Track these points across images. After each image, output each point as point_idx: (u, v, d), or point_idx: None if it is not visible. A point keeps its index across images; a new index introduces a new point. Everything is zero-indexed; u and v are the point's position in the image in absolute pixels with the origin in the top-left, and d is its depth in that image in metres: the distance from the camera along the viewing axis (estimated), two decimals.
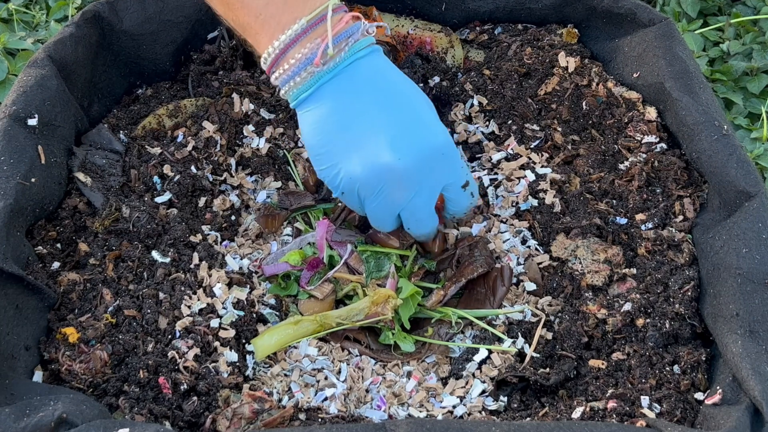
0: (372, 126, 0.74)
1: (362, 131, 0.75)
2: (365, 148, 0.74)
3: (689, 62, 0.89)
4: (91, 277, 0.79)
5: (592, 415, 0.72)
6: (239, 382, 0.76)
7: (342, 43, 0.74)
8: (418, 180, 0.76)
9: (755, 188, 0.78)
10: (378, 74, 0.76)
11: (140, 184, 0.87)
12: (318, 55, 0.73)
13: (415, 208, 0.78)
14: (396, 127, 0.75)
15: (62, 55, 0.88)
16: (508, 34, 1.03)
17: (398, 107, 0.76)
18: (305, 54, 0.74)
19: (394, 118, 0.75)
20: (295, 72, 0.74)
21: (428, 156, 0.75)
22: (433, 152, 0.76)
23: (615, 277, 0.82)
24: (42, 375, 0.72)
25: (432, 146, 0.76)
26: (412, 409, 0.77)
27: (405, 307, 0.83)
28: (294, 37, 0.73)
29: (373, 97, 0.75)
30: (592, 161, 0.91)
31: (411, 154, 0.74)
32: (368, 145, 0.74)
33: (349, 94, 0.75)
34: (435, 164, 0.76)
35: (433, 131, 0.77)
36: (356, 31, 0.75)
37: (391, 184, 0.75)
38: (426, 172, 0.76)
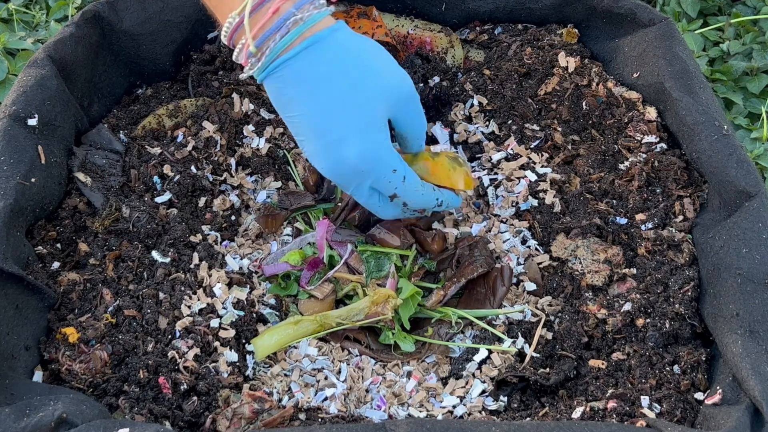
0: (301, 131, 0.75)
1: (296, 133, 0.76)
2: (304, 147, 0.76)
3: (689, 62, 0.89)
4: (91, 277, 0.79)
5: (592, 415, 0.72)
6: (239, 382, 0.76)
7: (268, 41, 0.72)
8: (346, 187, 0.78)
9: (755, 188, 0.78)
10: (307, 75, 0.73)
11: (140, 184, 0.87)
12: (243, 58, 0.74)
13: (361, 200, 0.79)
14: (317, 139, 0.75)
15: (62, 55, 0.88)
16: (508, 34, 1.03)
17: (322, 114, 0.74)
18: (240, 50, 0.74)
19: (316, 129, 0.74)
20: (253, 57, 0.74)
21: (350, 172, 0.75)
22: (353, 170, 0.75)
23: (615, 277, 0.82)
24: (42, 375, 0.72)
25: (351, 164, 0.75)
26: (412, 409, 0.77)
27: (405, 307, 0.83)
28: (233, 28, 0.74)
29: (300, 104, 0.74)
30: (592, 161, 0.91)
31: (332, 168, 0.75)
32: (304, 147, 0.76)
33: (281, 92, 0.74)
34: (357, 178, 0.76)
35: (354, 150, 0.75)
36: (283, 24, 0.72)
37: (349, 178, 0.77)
38: (350, 182, 0.77)
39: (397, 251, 0.86)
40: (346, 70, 0.74)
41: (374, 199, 0.79)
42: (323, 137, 0.74)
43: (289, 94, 0.74)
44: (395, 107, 0.77)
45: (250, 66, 0.74)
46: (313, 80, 0.73)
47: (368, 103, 0.75)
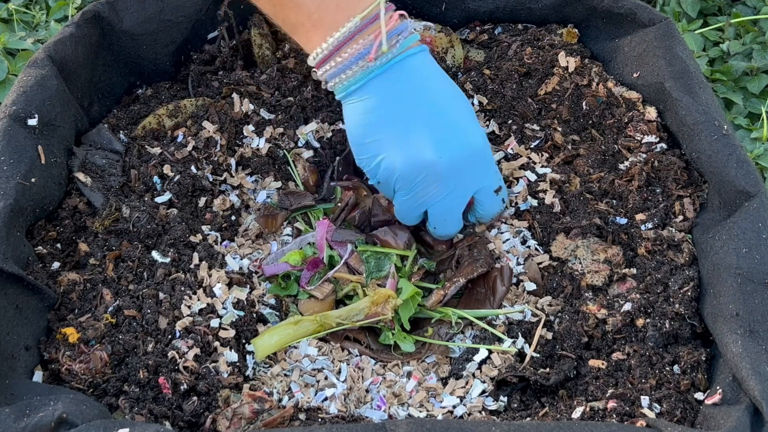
0: (417, 122, 0.78)
1: (407, 126, 0.78)
2: (409, 143, 0.78)
3: (689, 62, 0.89)
4: (91, 277, 0.79)
5: (592, 415, 0.72)
6: (239, 382, 0.76)
7: (393, 39, 0.77)
8: (455, 179, 0.80)
9: (755, 188, 0.78)
10: (426, 73, 0.80)
11: (140, 184, 0.87)
12: (372, 51, 0.77)
13: (446, 207, 0.81)
14: (440, 126, 0.79)
15: (62, 55, 0.88)
16: (508, 34, 1.03)
17: (444, 107, 0.80)
18: (357, 49, 0.78)
19: (439, 117, 0.79)
20: (347, 66, 0.78)
21: (467, 157, 0.79)
22: (473, 154, 0.80)
23: (615, 277, 0.82)
24: (42, 375, 0.72)
25: (472, 148, 0.79)
26: (412, 409, 0.77)
27: (405, 308, 0.83)
28: (348, 35, 0.78)
29: (421, 95, 0.79)
30: (592, 161, 0.91)
31: (451, 154, 0.78)
32: (412, 140, 0.78)
33: (398, 88, 0.78)
34: (472, 166, 0.80)
35: (474, 134, 0.81)
36: (405, 29, 0.78)
37: (427, 180, 0.79)
38: (463, 173, 0.80)
39: (397, 251, 0.86)
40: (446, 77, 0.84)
41: (461, 206, 0.82)
42: (446, 121, 0.79)
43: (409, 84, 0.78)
44: None
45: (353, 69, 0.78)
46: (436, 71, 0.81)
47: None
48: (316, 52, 0.79)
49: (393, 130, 0.79)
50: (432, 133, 0.78)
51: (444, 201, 0.81)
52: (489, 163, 0.82)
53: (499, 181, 0.84)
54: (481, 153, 0.81)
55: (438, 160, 0.78)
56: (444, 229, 0.85)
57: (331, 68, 0.79)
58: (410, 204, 0.82)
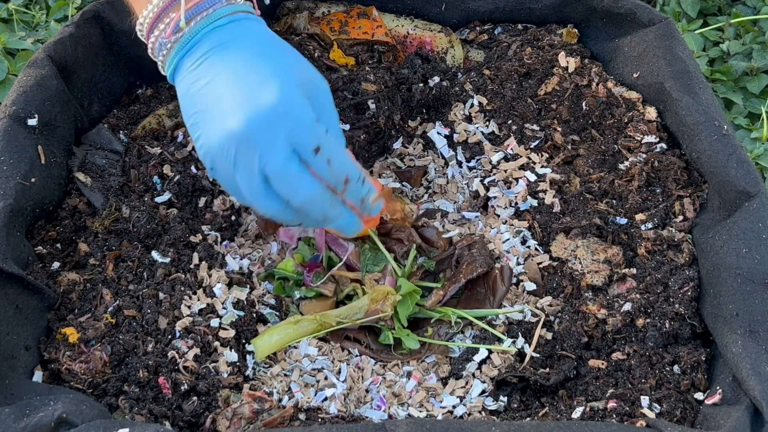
0: (220, 92, 0.72)
1: (212, 98, 0.72)
2: (214, 115, 0.72)
3: (689, 62, 0.89)
4: (91, 277, 0.79)
5: (592, 415, 0.72)
6: (239, 382, 0.76)
7: (201, 13, 0.73)
8: (261, 141, 0.71)
9: (755, 188, 0.78)
10: (232, 42, 0.73)
11: (140, 184, 0.87)
12: (168, 31, 0.73)
13: (272, 167, 0.71)
14: (238, 92, 0.71)
15: (62, 55, 0.88)
16: (508, 34, 1.03)
17: (243, 71, 0.72)
18: (162, 30, 0.74)
19: (240, 81, 0.72)
20: (159, 48, 0.75)
21: (266, 115, 0.70)
22: (272, 112, 0.70)
23: (615, 277, 0.82)
24: (42, 375, 0.72)
25: (270, 105, 0.70)
26: (412, 409, 0.77)
27: (403, 306, 0.83)
28: (156, 13, 0.74)
29: (222, 66, 0.72)
30: (592, 161, 0.91)
31: (248, 116, 0.70)
32: (216, 112, 0.72)
33: (200, 65, 0.73)
34: (275, 124, 0.71)
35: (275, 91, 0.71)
36: (217, 1, 0.73)
37: (239, 149, 0.71)
38: (267, 131, 0.71)
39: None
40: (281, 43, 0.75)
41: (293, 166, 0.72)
42: (245, 83, 0.71)
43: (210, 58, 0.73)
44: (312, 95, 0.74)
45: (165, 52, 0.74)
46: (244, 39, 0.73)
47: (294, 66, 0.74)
48: (138, 30, 0.76)
49: (201, 103, 0.73)
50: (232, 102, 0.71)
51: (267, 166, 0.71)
52: (299, 121, 0.72)
53: (316, 141, 0.72)
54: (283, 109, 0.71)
55: (237, 126, 0.70)
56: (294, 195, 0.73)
57: (153, 46, 0.75)
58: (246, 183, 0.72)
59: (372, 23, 1.00)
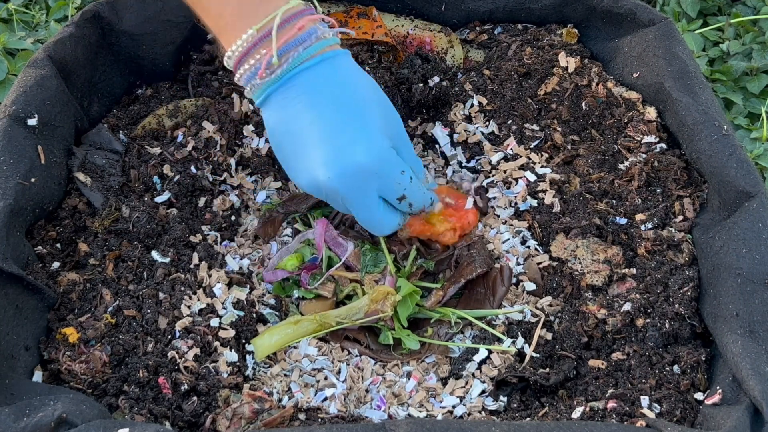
0: (310, 141, 0.76)
1: (299, 147, 0.77)
2: (300, 162, 0.77)
3: (689, 62, 0.89)
4: (91, 277, 0.79)
5: (592, 415, 0.72)
6: (239, 382, 0.76)
7: (291, 51, 0.75)
8: (351, 195, 0.77)
9: (755, 188, 0.78)
10: (320, 87, 0.76)
11: (140, 184, 0.87)
12: (261, 68, 0.75)
13: (359, 214, 0.80)
14: (329, 147, 0.76)
15: (62, 55, 0.88)
16: (508, 34, 1.03)
17: (332, 124, 0.76)
18: (253, 65, 0.76)
19: (327, 136, 0.76)
20: (249, 78, 0.77)
21: (358, 174, 0.76)
22: (364, 170, 0.76)
23: (615, 277, 0.82)
24: (42, 375, 0.72)
25: (362, 165, 0.76)
26: (411, 409, 0.77)
27: (403, 306, 0.83)
28: (246, 48, 0.75)
29: (311, 113, 0.76)
30: (591, 161, 0.91)
31: (340, 173, 0.75)
32: (302, 161, 0.77)
33: (289, 106, 0.76)
34: (366, 180, 0.77)
35: (365, 148, 0.76)
36: (308, 38, 0.75)
37: (330, 196, 0.78)
38: (356, 188, 0.77)
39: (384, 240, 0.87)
40: (364, 83, 0.79)
41: (379, 209, 0.80)
42: (335, 140, 0.75)
43: (301, 102, 0.76)
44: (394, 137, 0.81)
45: (256, 82, 0.76)
46: (333, 85, 0.76)
47: (383, 116, 0.79)
48: (226, 61, 0.78)
49: (290, 148, 0.78)
50: (322, 155, 0.75)
51: (355, 211, 0.80)
52: (386, 176, 0.78)
53: (402, 191, 0.80)
54: (374, 169, 0.76)
55: (329, 181, 0.76)
56: (378, 232, 0.84)
57: (240, 77, 0.78)
58: (351, 212, 0.81)
59: (372, 23, 1.00)
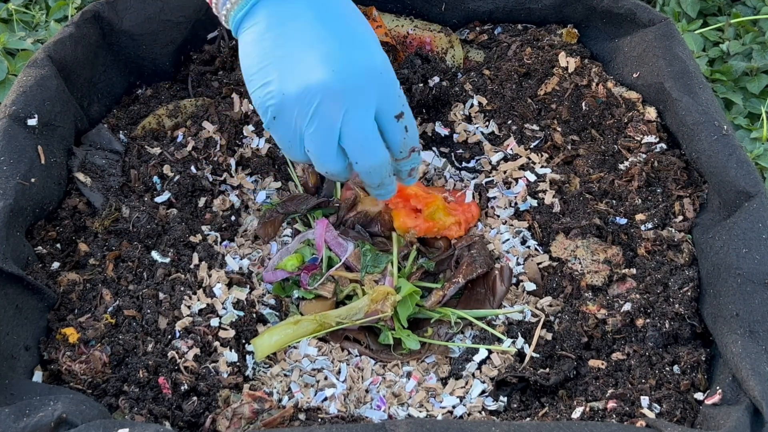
0: (308, 41, 0.71)
1: (297, 46, 0.71)
2: (299, 64, 0.71)
3: (689, 62, 0.89)
4: (90, 278, 0.79)
5: (592, 415, 0.72)
6: (239, 382, 0.76)
7: None
8: (352, 97, 0.71)
9: (755, 188, 0.78)
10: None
11: (140, 184, 0.87)
12: None
13: (353, 127, 0.72)
14: (332, 43, 0.71)
15: (62, 55, 0.88)
16: (508, 34, 1.03)
17: (337, 24, 0.72)
18: None
19: (331, 34, 0.71)
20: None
21: (363, 74, 0.71)
22: (369, 71, 0.72)
23: (615, 277, 0.82)
24: (42, 375, 0.72)
25: (367, 65, 0.72)
26: (411, 409, 0.77)
27: (403, 306, 0.83)
28: None
29: (311, 12, 0.71)
30: (591, 161, 0.91)
31: (344, 70, 0.70)
32: (302, 60, 0.70)
33: (285, 7, 0.71)
34: (369, 84, 0.72)
35: (370, 51, 0.73)
36: None
37: (325, 101, 0.70)
38: (360, 90, 0.71)
39: (399, 241, 0.87)
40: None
41: (374, 126, 0.73)
42: (340, 38, 0.71)
43: (299, 3, 0.71)
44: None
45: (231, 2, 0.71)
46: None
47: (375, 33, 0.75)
48: None
49: (282, 52, 0.71)
50: (322, 50, 0.70)
51: (350, 121, 0.71)
52: (389, 83, 0.73)
53: (401, 106, 0.74)
54: (379, 70, 0.72)
55: (329, 78, 0.69)
56: (364, 157, 0.74)
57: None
58: (319, 135, 0.72)
59: (372, 23, 1.00)
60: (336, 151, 0.73)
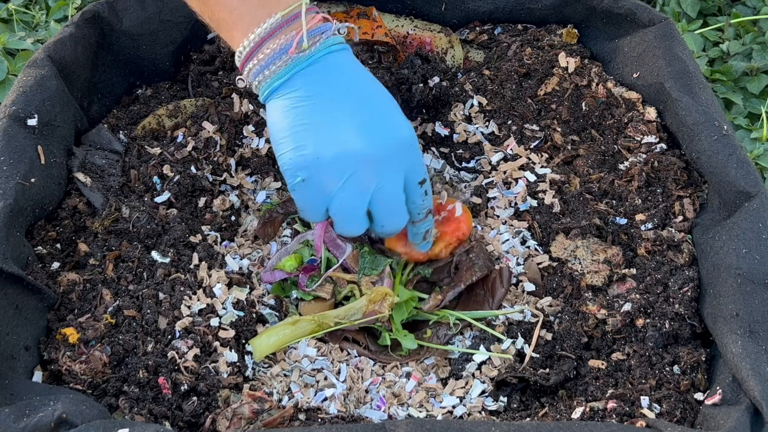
0: (345, 111, 0.75)
1: (333, 115, 0.75)
2: (336, 131, 0.75)
3: (689, 62, 0.89)
4: (90, 278, 0.79)
5: (592, 415, 0.72)
6: (239, 382, 0.76)
7: (315, 37, 0.76)
8: (387, 166, 0.76)
9: (755, 188, 0.78)
10: (351, 67, 0.78)
11: (140, 184, 0.87)
12: (294, 45, 0.74)
13: (385, 194, 0.77)
14: (367, 115, 0.76)
15: (62, 55, 0.88)
16: (508, 35, 1.03)
17: (369, 98, 0.77)
18: (280, 44, 0.75)
19: (365, 107, 0.76)
20: (270, 62, 0.76)
21: (396, 145, 0.76)
22: (401, 142, 0.77)
23: (615, 278, 0.82)
24: (42, 375, 0.72)
25: (400, 136, 0.77)
26: (411, 410, 0.77)
27: (398, 311, 0.83)
28: (270, 31, 0.75)
29: (345, 87, 0.76)
30: (591, 161, 0.91)
31: (380, 140, 0.75)
32: (339, 129, 0.75)
33: (322, 81, 0.76)
34: (401, 155, 0.77)
35: (401, 124, 0.78)
36: (328, 29, 0.77)
37: (360, 169, 0.75)
38: (393, 160, 0.76)
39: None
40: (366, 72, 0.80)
41: (402, 192, 0.78)
42: (372, 110, 0.76)
43: (333, 75, 0.76)
44: None
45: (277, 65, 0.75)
46: (361, 68, 0.78)
47: None
48: (240, 50, 0.77)
49: (318, 119, 0.75)
50: (360, 122, 0.75)
51: (382, 189, 0.76)
52: (417, 153, 0.79)
53: (423, 174, 0.80)
54: (410, 142, 0.78)
55: (367, 147, 0.74)
56: (391, 222, 0.80)
57: (254, 66, 0.76)
58: (349, 199, 0.77)
59: (372, 23, 1.00)
60: (363, 215, 0.78)
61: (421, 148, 0.81)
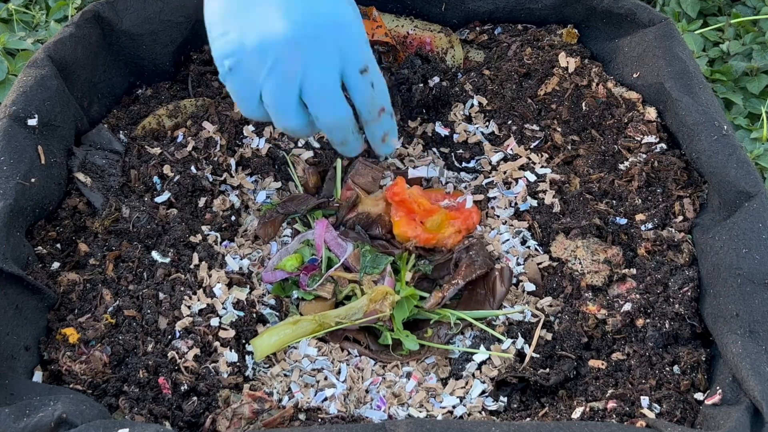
0: None
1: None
2: (259, 15, 0.69)
3: (689, 62, 0.89)
4: (90, 278, 0.79)
5: (592, 415, 0.72)
6: (239, 382, 0.76)
7: None
8: (312, 50, 0.68)
9: (755, 188, 0.78)
10: None
11: (140, 184, 0.87)
12: None
13: (313, 82, 0.70)
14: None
15: (62, 55, 0.88)
16: (508, 35, 1.03)
17: None
18: None
19: None
20: None
21: (323, 24, 0.68)
22: (330, 21, 0.69)
23: (615, 278, 0.82)
24: (42, 375, 0.72)
25: (328, 14, 0.69)
26: (412, 410, 0.77)
27: (399, 310, 0.83)
28: None
29: None
30: (591, 161, 0.91)
31: (304, 20, 0.68)
32: (263, 12, 0.68)
33: None
34: (331, 35, 0.69)
35: (334, 4, 0.70)
36: None
37: (283, 53, 0.68)
38: (320, 42, 0.68)
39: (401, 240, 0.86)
40: None
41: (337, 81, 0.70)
42: None
43: None
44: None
45: None
46: None
47: None
48: None
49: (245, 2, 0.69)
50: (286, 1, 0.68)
51: (310, 76, 0.69)
52: (353, 36, 0.70)
53: (366, 60, 0.71)
54: (342, 21, 0.69)
55: (288, 28, 0.67)
56: (325, 114, 0.72)
57: None
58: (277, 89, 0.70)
59: (372, 23, 1.00)
60: (296, 106, 0.71)
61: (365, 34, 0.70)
